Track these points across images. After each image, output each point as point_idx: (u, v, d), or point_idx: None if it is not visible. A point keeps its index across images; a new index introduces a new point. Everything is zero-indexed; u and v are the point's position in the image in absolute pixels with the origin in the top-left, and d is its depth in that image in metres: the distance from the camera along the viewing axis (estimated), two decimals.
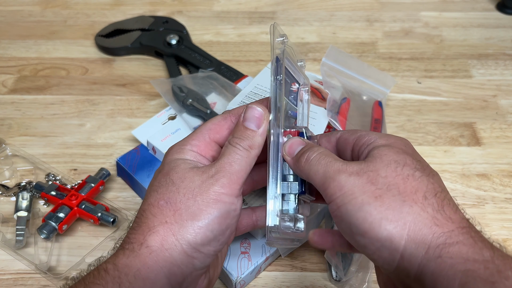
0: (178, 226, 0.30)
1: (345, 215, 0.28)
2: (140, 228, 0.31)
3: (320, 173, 0.30)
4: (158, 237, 0.30)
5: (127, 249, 0.30)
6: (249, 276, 0.44)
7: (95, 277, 0.28)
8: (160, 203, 0.31)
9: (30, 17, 0.79)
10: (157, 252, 0.29)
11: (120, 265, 0.29)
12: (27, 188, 0.52)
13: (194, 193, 0.31)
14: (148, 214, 0.31)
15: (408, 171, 0.29)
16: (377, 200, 0.27)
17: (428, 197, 0.28)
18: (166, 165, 0.34)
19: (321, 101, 0.54)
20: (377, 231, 0.27)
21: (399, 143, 0.32)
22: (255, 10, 0.80)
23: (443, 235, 0.26)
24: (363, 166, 0.29)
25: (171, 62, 0.68)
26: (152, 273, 0.29)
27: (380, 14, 0.80)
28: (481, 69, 0.69)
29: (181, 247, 0.30)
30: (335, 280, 0.45)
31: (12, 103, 0.64)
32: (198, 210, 0.30)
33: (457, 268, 0.25)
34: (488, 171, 0.56)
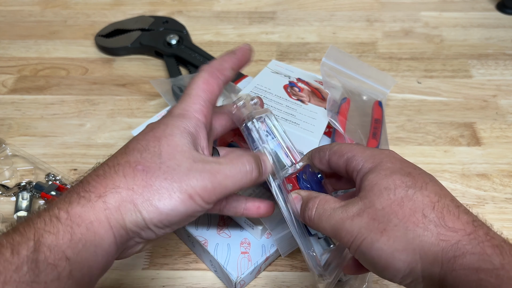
0: (141, 199, 0.29)
1: (363, 256, 0.30)
2: (105, 180, 0.29)
3: (327, 228, 0.32)
4: (118, 198, 0.29)
5: (84, 197, 0.29)
6: (249, 276, 0.44)
7: (47, 224, 0.27)
8: (137, 167, 0.30)
9: (30, 17, 0.79)
10: (111, 211, 0.28)
11: (73, 214, 0.28)
12: (27, 188, 0.52)
13: (174, 177, 0.30)
14: (120, 171, 0.30)
15: (400, 193, 0.29)
16: (383, 234, 0.28)
17: (426, 214, 0.28)
18: (162, 125, 0.32)
19: (321, 101, 0.54)
20: (394, 265, 0.28)
21: (385, 160, 0.32)
22: (255, 10, 0.80)
23: (451, 249, 0.27)
24: (361, 205, 0.30)
25: (171, 62, 0.68)
26: (103, 228, 0.28)
27: (380, 14, 0.80)
28: (481, 69, 0.69)
29: (135, 217, 0.29)
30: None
31: (12, 103, 0.64)
32: (168, 197, 0.29)
33: (471, 278, 0.26)
34: (488, 171, 0.56)
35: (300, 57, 0.71)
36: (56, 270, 0.26)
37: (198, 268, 0.47)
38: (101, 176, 0.30)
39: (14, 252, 0.25)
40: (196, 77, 0.35)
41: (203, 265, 0.47)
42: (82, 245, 0.27)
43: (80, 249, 0.27)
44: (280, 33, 0.76)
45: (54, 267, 0.26)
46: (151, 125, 0.33)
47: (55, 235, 0.26)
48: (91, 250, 0.27)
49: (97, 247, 0.28)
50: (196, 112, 0.33)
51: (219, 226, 0.46)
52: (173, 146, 0.31)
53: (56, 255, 0.26)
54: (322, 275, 0.36)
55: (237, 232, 0.46)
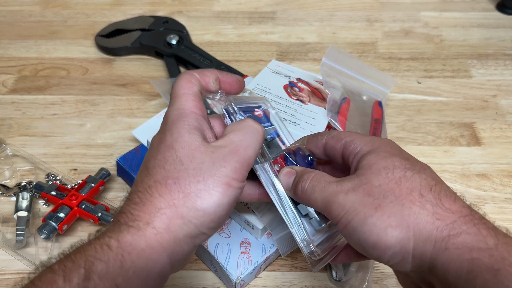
0: (186, 210, 0.29)
1: (353, 231, 0.29)
2: (145, 207, 0.30)
3: (319, 200, 0.31)
4: (165, 219, 0.29)
5: (132, 226, 0.29)
6: (249, 276, 0.44)
7: (98, 251, 0.27)
8: (168, 182, 0.30)
9: (30, 17, 0.79)
10: (162, 234, 0.29)
11: (124, 242, 0.28)
12: (27, 188, 0.52)
13: (205, 175, 0.30)
14: (154, 192, 0.30)
15: (399, 173, 0.30)
16: (378, 210, 0.28)
17: (424, 194, 0.28)
18: (167, 132, 0.32)
19: (321, 101, 0.54)
20: (385, 241, 0.28)
21: (384, 145, 0.32)
22: (255, 10, 0.80)
23: (446, 228, 0.27)
24: (357, 181, 0.30)
25: (171, 62, 0.68)
26: (155, 253, 0.28)
27: (380, 14, 0.80)
28: (481, 69, 0.69)
29: (187, 229, 0.29)
30: (335, 280, 0.45)
31: (12, 103, 0.64)
32: (209, 195, 0.30)
33: (464, 257, 0.26)
34: (488, 171, 0.56)
35: (300, 57, 0.71)
36: None
37: (198, 268, 0.47)
38: (140, 203, 0.30)
39: (66, 280, 0.26)
40: (178, 79, 0.35)
41: (203, 265, 0.47)
42: (132, 272, 0.27)
43: (131, 276, 0.27)
44: (280, 33, 0.76)
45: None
46: (157, 138, 0.33)
47: (106, 263, 0.27)
48: (142, 276, 0.28)
49: (150, 272, 0.28)
50: (192, 108, 0.33)
51: None
52: (187, 147, 0.31)
53: (106, 283, 0.26)
54: (313, 252, 0.35)
55: (237, 232, 0.46)
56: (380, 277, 0.46)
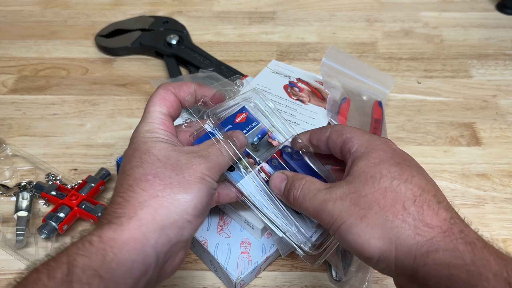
0: (170, 199, 0.31)
1: (341, 238, 0.31)
2: (128, 203, 0.31)
3: (310, 208, 0.33)
4: (150, 210, 0.30)
5: (114, 223, 0.30)
6: (249, 276, 0.44)
7: (79, 248, 0.28)
8: (148, 178, 0.32)
9: (31, 17, 0.79)
10: (147, 224, 0.30)
11: (106, 238, 0.29)
12: (27, 188, 0.52)
13: (182, 169, 0.32)
14: (136, 188, 0.31)
15: (385, 183, 0.30)
16: (362, 220, 0.29)
17: (406, 206, 0.29)
18: (141, 143, 0.34)
19: (321, 101, 0.54)
20: (369, 250, 0.29)
21: (378, 148, 0.33)
22: (255, 10, 0.80)
23: (425, 244, 0.28)
24: (345, 189, 0.31)
25: (171, 62, 0.68)
26: (139, 244, 0.29)
27: (380, 14, 0.80)
28: (481, 69, 0.69)
29: (173, 217, 0.31)
30: (335, 280, 0.45)
31: (13, 103, 0.64)
32: (188, 184, 0.32)
33: (442, 273, 0.27)
34: (488, 171, 0.56)
35: (300, 57, 0.71)
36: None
37: (198, 268, 0.47)
38: (123, 202, 0.31)
39: (50, 277, 0.27)
40: (153, 94, 0.38)
41: (203, 265, 0.47)
42: (116, 264, 0.28)
43: (114, 268, 0.28)
44: (280, 33, 0.76)
45: (88, 286, 0.27)
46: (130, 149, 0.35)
47: (88, 257, 0.28)
48: (127, 267, 0.28)
49: (134, 263, 0.29)
50: (160, 125, 0.36)
51: (219, 226, 0.46)
52: (163, 149, 0.34)
53: (89, 275, 0.27)
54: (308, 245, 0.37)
55: (237, 232, 0.46)
56: (380, 277, 0.46)
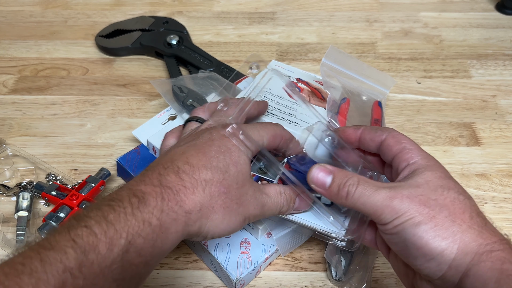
0: (215, 216, 0.34)
1: (402, 233, 0.32)
2: (192, 196, 0.33)
3: (368, 204, 0.34)
4: (199, 213, 0.33)
5: (172, 210, 0.32)
6: (249, 275, 0.44)
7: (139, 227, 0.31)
8: (221, 189, 0.34)
9: (31, 17, 0.79)
10: (190, 223, 0.33)
11: (164, 222, 0.32)
12: (27, 188, 0.53)
13: (242, 203, 0.36)
14: (206, 188, 0.34)
15: (453, 195, 0.33)
16: (432, 220, 0.32)
17: (473, 216, 0.33)
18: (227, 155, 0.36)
19: (321, 101, 0.54)
20: (431, 247, 0.31)
21: (439, 165, 0.36)
22: (255, 10, 0.80)
23: (488, 245, 0.31)
24: (412, 191, 0.33)
25: (171, 63, 0.69)
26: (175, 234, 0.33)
27: (380, 14, 0.80)
28: (481, 69, 0.69)
29: (203, 231, 0.34)
30: (335, 279, 0.45)
31: (13, 103, 0.64)
32: (233, 219, 0.35)
33: (494, 267, 0.30)
34: (488, 171, 0.56)
35: (300, 57, 0.72)
36: (137, 271, 0.30)
37: (198, 267, 0.47)
38: (189, 189, 0.33)
39: (109, 249, 0.28)
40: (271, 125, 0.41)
41: (203, 264, 0.47)
42: (158, 248, 0.31)
43: (153, 251, 0.31)
44: (280, 34, 0.76)
45: (136, 268, 0.30)
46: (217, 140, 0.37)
47: (144, 239, 0.30)
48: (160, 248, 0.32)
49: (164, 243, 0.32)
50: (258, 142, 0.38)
51: None
52: (242, 172, 0.36)
53: (141, 259, 0.30)
54: (343, 232, 0.39)
55: (237, 232, 0.46)
56: (380, 277, 0.46)
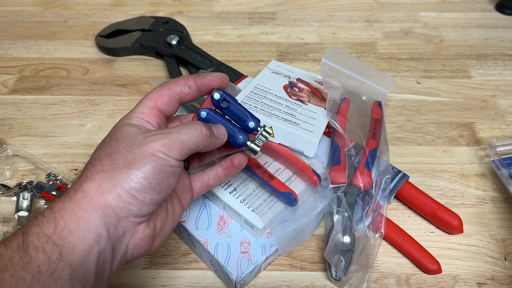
0: (113, 173, 0.32)
1: None
2: (79, 179, 0.33)
3: None
4: (94, 183, 0.32)
5: (64, 196, 0.32)
6: (249, 275, 0.44)
7: (32, 221, 0.30)
8: (101, 156, 0.33)
9: (31, 17, 0.79)
10: (91, 195, 0.31)
11: (56, 209, 0.31)
12: (28, 188, 0.53)
13: (133, 146, 0.33)
14: (88, 166, 0.34)
15: None
16: None
17: None
18: (112, 129, 0.36)
19: (321, 101, 0.54)
20: None
21: None
22: (255, 10, 0.81)
23: None
24: None
25: (171, 63, 0.69)
26: (86, 213, 0.31)
27: (380, 14, 0.80)
28: (480, 69, 0.69)
29: (115, 191, 0.31)
30: (335, 279, 0.45)
31: (13, 103, 0.64)
32: (133, 160, 0.32)
33: None
34: (488, 171, 0.56)
35: (300, 57, 0.72)
36: (46, 254, 0.28)
37: (198, 267, 0.47)
38: (76, 179, 0.33)
39: (7, 247, 0.28)
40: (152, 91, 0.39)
41: (203, 264, 0.48)
42: (67, 231, 0.30)
43: (66, 235, 0.29)
44: (280, 34, 0.76)
45: (44, 252, 0.28)
46: None
47: (41, 227, 0.29)
48: (79, 234, 0.30)
49: (85, 231, 0.30)
50: (137, 113, 0.36)
51: (219, 225, 0.46)
52: (125, 131, 0.35)
53: (43, 241, 0.29)
54: None
55: (237, 232, 0.46)
56: (380, 276, 0.46)
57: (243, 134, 0.39)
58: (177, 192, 0.39)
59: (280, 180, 0.46)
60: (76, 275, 0.29)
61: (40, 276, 0.28)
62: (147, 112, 0.37)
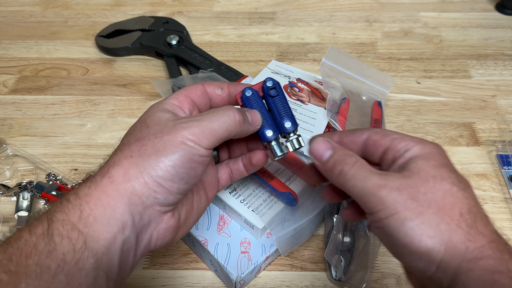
0: (141, 159, 0.31)
1: (387, 227, 0.30)
2: (105, 165, 0.32)
3: (357, 188, 0.31)
4: (121, 168, 0.31)
5: (90, 181, 0.31)
6: (249, 275, 0.44)
7: (57, 206, 0.29)
8: (130, 141, 0.32)
9: (31, 17, 0.79)
10: (118, 182, 0.30)
11: (82, 194, 0.30)
12: (27, 188, 0.53)
13: (163, 133, 0.32)
14: (117, 151, 0.32)
15: (445, 186, 0.31)
16: (419, 217, 0.29)
17: (463, 213, 0.30)
18: (144, 114, 0.35)
19: (321, 101, 0.54)
20: (417, 246, 0.29)
21: (434, 151, 0.33)
22: (255, 10, 0.81)
23: (475, 250, 0.28)
24: (402, 182, 0.30)
25: (171, 63, 0.69)
26: (112, 200, 0.30)
27: (380, 14, 0.80)
28: (480, 69, 0.69)
29: (142, 178, 0.31)
30: (335, 279, 0.45)
31: (13, 103, 0.64)
32: (162, 147, 0.31)
33: (485, 279, 0.27)
34: (487, 171, 0.56)
35: (300, 57, 0.72)
36: (71, 242, 0.28)
37: (198, 267, 0.47)
38: (103, 164, 0.32)
39: (32, 233, 0.28)
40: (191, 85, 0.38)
41: (203, 264, 0.48)
42: (93, 218, 0.29)
43: (92, 222, 0.29)
44: (280, 34, 0.76)
45: (69, 240, 0.28)
46: None
47: (66, 213, 0.29)
48: (104, 222, 0.29)
49: (110, 218, 0.29)
50: (170, 99, 0.36)
51: (219, 225, 0.46)
52: (156, 118, 0.34)
53: (68, 228, 0.28)
54: None
55: (237, 232, 0.46)
56: (380, 276, 0.46)
57: (274, 130, 0.37)
58: (204, 183, 0.38)
59: (280, 180, 0.46)
60: (100, 264, 0.28)
61: (65, 265, 0.27)
62: (181, 98, 0.36)
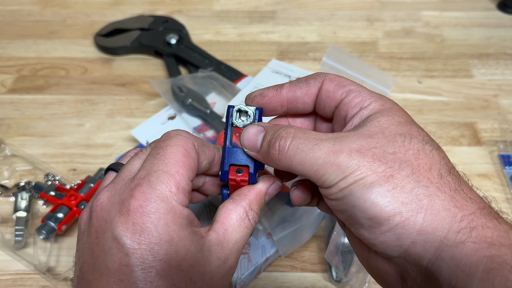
0: None
1: (350, 197, 0.24)
2: None
3: (307, 162, 0.25)
4: None
5: None
6: (249, 276, 0.44)
7: None
8: None
9: (29, 16, 0.79)
10: None
11: None
12: (26, 188, 0.52)
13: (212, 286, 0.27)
14: None
15: (417, 145, 0.25)
16: (389, 181, 0.24)
17: (443, 175, 0.24)
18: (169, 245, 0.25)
19: None
20: (388, 216, 0.23)
21: (397, 109, 0.28)
22: (255, 9, 0.80)
23: (464, 218, 0.23)
24: (363, 143, 0.25)
25: (170, 62, 0.68)
26: None
27: (381, 13, 0.79)
28: (482, 68, 0.69)
29: None
30: (336, 280, 0.45)
31: (11, 103, 0.64)
32: None
33: (481, 254, 0.22)
34: (489, 171, 0.55)
35: (300, 56, 0.71)
36: None
37: None
38: None
39: None
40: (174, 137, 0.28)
41: None
42: None
43: None
44: (280, 33, 0.75)
45: None
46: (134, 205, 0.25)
47: None
48: None
49: None
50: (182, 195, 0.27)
51: None
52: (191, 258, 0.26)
53: None
54: None
55: None
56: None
57: None
58: None
59: None
60: None
61: None
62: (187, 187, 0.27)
